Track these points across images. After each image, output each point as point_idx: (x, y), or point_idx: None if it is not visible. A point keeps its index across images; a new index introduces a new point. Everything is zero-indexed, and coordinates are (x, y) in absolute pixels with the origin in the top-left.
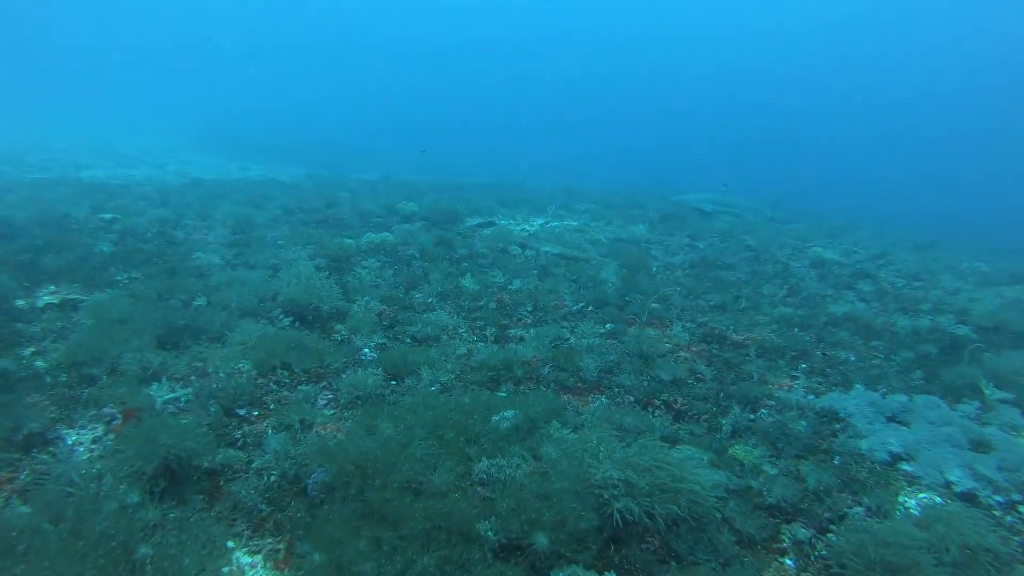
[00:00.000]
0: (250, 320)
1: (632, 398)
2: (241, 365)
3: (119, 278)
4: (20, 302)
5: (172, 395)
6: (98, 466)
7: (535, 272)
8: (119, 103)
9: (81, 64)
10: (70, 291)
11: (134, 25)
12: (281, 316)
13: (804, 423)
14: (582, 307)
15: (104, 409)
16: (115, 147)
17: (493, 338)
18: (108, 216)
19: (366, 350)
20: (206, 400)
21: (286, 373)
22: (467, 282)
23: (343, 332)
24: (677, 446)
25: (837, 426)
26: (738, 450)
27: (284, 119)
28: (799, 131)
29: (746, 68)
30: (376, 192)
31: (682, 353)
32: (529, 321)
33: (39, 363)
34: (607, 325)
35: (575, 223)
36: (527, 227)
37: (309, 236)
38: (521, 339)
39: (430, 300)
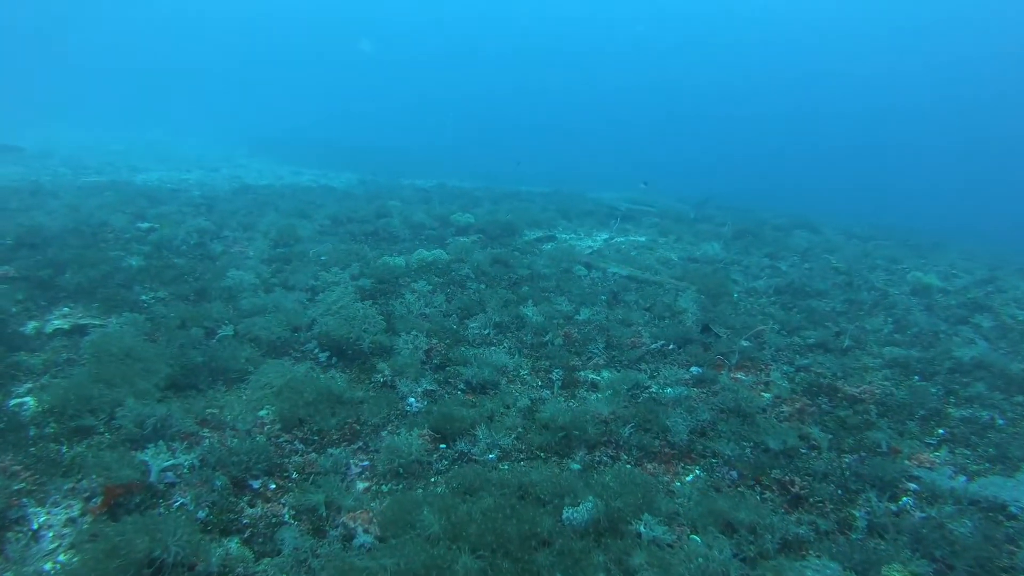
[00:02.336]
0: (280, 356)
1: (735, 473)
2: (263, 412)
3: (144, 298)
4: (32, 324)
5: (171, 462)
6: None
7: (604, 299)
8: (179, 108)
9: (142, 69)
10: (86, 314)
11: (196, 32)
12: (316, 350)
13: (968, 522)
14: (661, 345)
15: (83, 482)
16: (172, 151)
17: (560, 383)
18: (145, 225)
19: (411, 399)
20: (212, 470)
21: (315, 427)
22: (529, 311)
23: (386, 373)
24: (805, 556)
25: (1009, 526)
26: (894, 572)
27: (339, 125)
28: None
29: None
30: (430, 201)
31: (784, 408)
32: (601, 362)
33: (30, 404)
34: (692, 368)
35: (642, 239)
36: (591, 243)
37: (355, 252)
38: (593, 386)
39: (487, 332)
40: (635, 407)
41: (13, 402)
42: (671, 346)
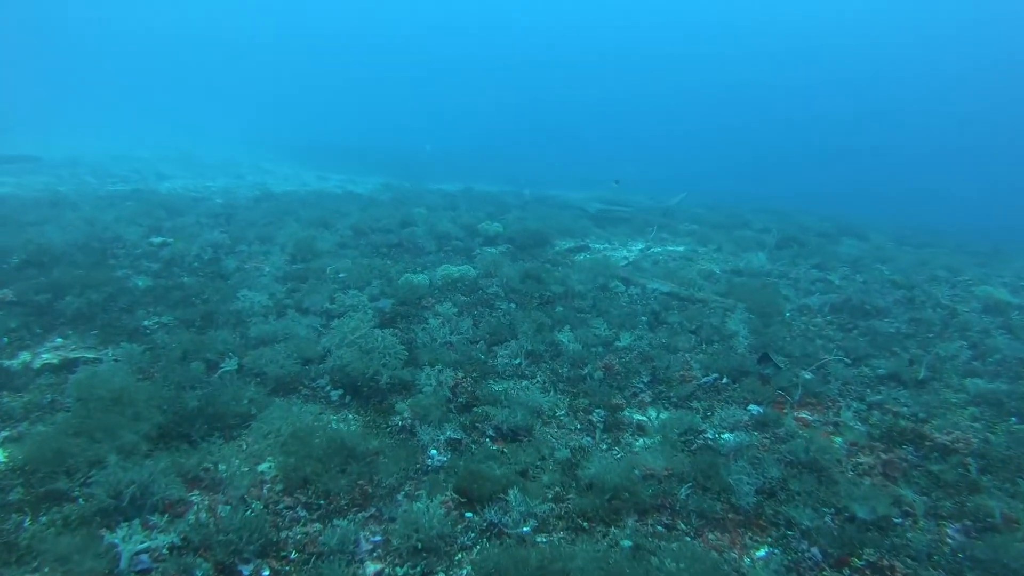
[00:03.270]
0: (288, 393)
1: (817, 551)
2: (264, 467)
3: (146, 323)
4: (24, 355)
5: (147, 544)
6: None
7: (644, 320)
8: (210, 114)
9: (171, 75)
10: (80, 345)
11: (224, 38)
12: (328, 387)
13: None
14: (715, 379)
15: (36, 575)
16: (200, 157)
17: (602, 426)
18: (158, 240)
19: (433, 451)
20: (194, 554)
21: (322, 488)
22: (564, 337)
23: (405, 415)
24: None
25: None
26: None
27: (366, 128)
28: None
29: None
30: (456, 208)
31: (863, 458)
32: (647, 399)
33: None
34: (751, 407)
35: (680, 248)
36: (626, 253)
37: (376, 269)
38: (640, 428)
39: (518, 362)
40: (690, 458)
41: None
42: (724, 380)
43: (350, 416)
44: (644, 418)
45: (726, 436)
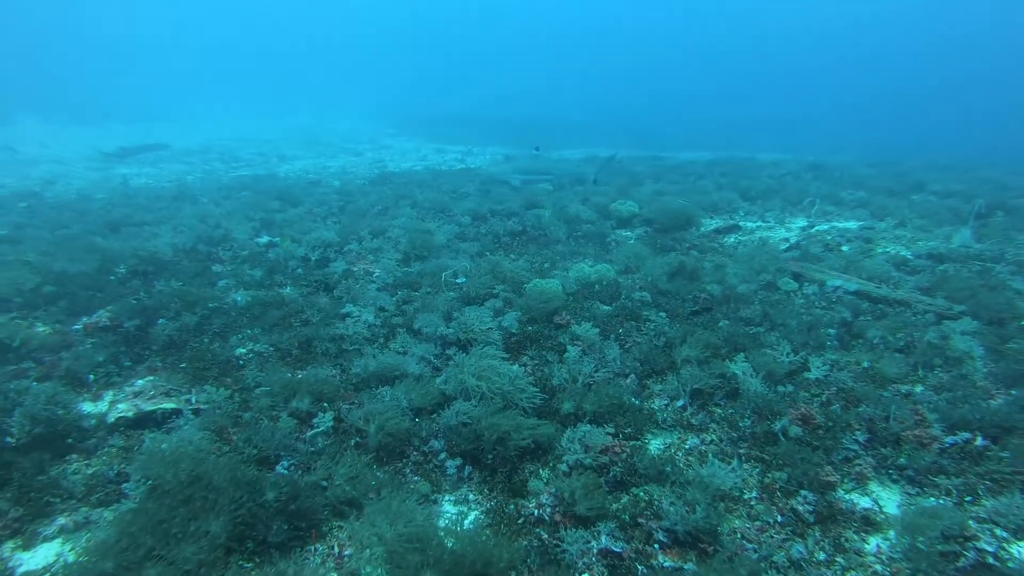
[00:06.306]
0: (392, 460)
1: None
2: None
3: (239, 352)
4: (107, 396)
5: None
6: None
7: (833, 333)
8: (333, 89)
9: (300, 54)
10: (164, 387)
11: (349, 16)
12: (442, 453)
13: None
14: (966, 439)
15: None
16: (322, 135)
17: (812, 517)
18: (264, 240)
19: (586, 575)
20: None
21: None
22: (738, 368)
23: (543, 501)
24: None
25: None
26: None
27: (483, 96)
28: None
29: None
30: (583, 181)
31: None
32: (867, 469)
33: (34, 570)
34: None
35: (852, 225)
36: (785, 233)
37: (499, 269)
38: (868, 523)
39: (680, 404)
40: None
41: (24, 567)
42: (980, 440)
43: (470, 496)
44: (870, 503)
45: (1018, 549)
